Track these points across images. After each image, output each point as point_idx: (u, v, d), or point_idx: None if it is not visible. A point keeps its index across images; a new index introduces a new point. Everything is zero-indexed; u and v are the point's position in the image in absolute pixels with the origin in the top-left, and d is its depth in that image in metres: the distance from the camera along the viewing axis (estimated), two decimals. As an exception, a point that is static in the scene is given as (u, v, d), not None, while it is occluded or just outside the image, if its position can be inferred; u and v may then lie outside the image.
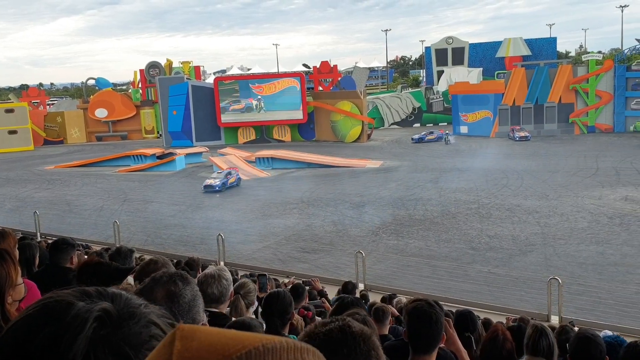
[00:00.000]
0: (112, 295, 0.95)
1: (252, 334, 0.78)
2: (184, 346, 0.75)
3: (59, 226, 26.69)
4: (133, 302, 0.95)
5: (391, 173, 39.98)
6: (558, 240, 23.25)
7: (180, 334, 0.77)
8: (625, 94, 53.52)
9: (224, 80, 61.98)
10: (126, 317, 0.91)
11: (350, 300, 5.28)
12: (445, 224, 26.39)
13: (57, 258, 4.80)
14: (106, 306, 0.91)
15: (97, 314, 0.89)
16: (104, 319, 0.88)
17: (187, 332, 0.77)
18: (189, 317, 2.08)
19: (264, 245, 24.52)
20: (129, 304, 0.94)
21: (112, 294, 0.96)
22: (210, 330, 0.77)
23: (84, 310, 0.89)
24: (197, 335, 0.76)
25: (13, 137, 63.77)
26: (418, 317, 3.17)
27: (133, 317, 0.92)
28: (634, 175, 35.10)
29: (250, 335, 0.77)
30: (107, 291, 0.96)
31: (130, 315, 0.92)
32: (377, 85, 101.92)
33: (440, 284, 18.60)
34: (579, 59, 66.98)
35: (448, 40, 74.81)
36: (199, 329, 0.78)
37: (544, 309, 14.26)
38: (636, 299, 17.11)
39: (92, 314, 0.88)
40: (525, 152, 45.89)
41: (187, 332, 0.77)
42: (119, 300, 0.94)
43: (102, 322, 0.88)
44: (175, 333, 0.77)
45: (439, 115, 67.68)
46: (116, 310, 0.91)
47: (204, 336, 0.76)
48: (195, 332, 0.77)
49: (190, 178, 42.63)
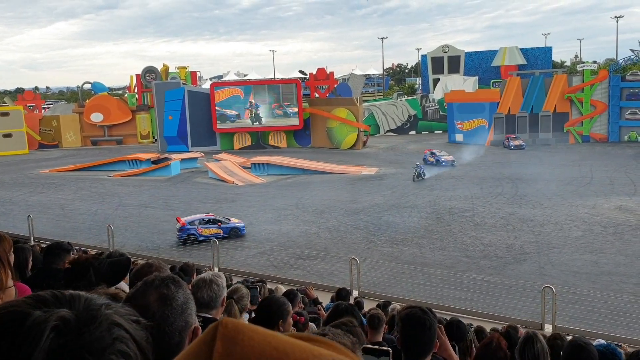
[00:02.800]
0: (70, 299, 0.90)
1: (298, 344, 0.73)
2: (226, 349, 0.71)
3: (52, 230, 26.58)
4: (93, 304, 0.91)
5: (386, 180, 40.02)
6: (552, 249, 23.30)
7: (222, 332, 0.72)
8: (620, 103, 53.83)
9: (220, 85, 62.02)
10: (86, 322, 0.87)
11: (345, 307, 5.27)
12: (439, 232, 26.41)
13: (51, 262, 4.77)
14: (64, 314, 0.86)
15: (54, 323, 0.84)
16: (62, 328, 0.84)
17: (231, 332, 0.72)
18: (182, 320, 2.08)
19: (258, 251, 24.48)
20: (89, 307, 0.90)
21: (70, 297, 0.91)
22: (255, 334, 0.73)
23: (40, 321, 0.84)
24: (241, 338, 0.72)
25: (8, 141, 63.58)
26: (411, 324, 3.17)
27: (94, 321, 0.87)
28: (628, 185, 35.25)
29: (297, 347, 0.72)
30: (64, 295, 0.91)
31: (90, 320, 0.87)
32: (373, 92, 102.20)
33: (435, 292, 18.59)
34: (574, 68, 67.30)
35: (444, 49, 75.14)
36: (243, 329, 0.73)
37: (538, 317, 14.26)
38: (629, 308, 17.14)
39: (49, 323, 0.84)
40: (520, 160, 46.04)
41: (230, 332, 0.72)
42: (78, 303, 0.90)
43: (60, 332, 0.84)
44: (217, 330, 0.73)
45: (434, 123, 67.87)
46: (75, 316, 0.87)
47: (247, 340, 0.71)
48: (239, 332, 0.72)
49: (185, 183, 42.58)
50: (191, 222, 27.30)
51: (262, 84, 62.73)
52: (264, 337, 0.73)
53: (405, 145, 57.35)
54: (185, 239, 26.35)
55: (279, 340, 0.73)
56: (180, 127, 59.34)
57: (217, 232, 26.76)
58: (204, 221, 27.49)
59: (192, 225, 27.08)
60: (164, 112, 59.64)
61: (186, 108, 59.14)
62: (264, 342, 0.72)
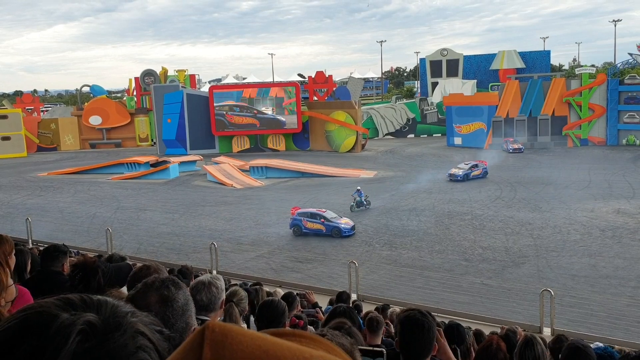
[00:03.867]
0: (98, 304, 0.91)
1: (288, 346, 0.71)
2: (215, 355, 0.68)
3: (51, 233, 26.55)
4: (120, 311, 0.91)
5: (385, 183, 40.03)
6: (551, 252, 23.32)
7: (210, 336, 0.69)
8: (618, 107, 53.89)
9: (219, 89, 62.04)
10: (112, 328, 0.87)
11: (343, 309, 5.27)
12: (438, 235, 26.42)
13: (49, 265, 4.76)
14: (91, 318, 0.86)
15: (81, 327, 0.84)
16: (88, 332, 0.85)
17: (219, 336, 0.69)
18: (182, 322, 2.08)
19: (257, 254, 24.47)
20: (115, 313, 0.90)
21: (98, 302, 0.91)
22: (243, 337, 0.70)
23: (67, 323, 0.85)
24: (229, 341, 0.69)
25: (6, 144, 63.54)
26: (410, 326, 3.17)
27: (119, 328, 0.88)
28: (626, 189, 35.29)
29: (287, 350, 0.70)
30: (92, 299, 0.92)
31: (116, 326, 0.88)
32: (371, 95, 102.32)
33: (433, 295, 18.60)
34: (573, 72, 67.45)
35: (443, 52, 75.26)
36: (231, 332, 0.70)
37: (536, 320, 14.27)
38: (628, 312, 17.16)
39: (76, 327, 0.84)
40: (518, 164, 46.08)
41: (218, 336, 0.69)
42: (105, 309, 0.90)
43: (86, 335, 0.84)
44: (204, 334, 0.70)
45: (433, 127, 67.92)
46: (101, 321, 0.87)
47: (236, 345, 0.69)
48: (227, 336, 0.70)
49: (183, 186, 42.57)
50: (300, 214, 27.66)
51: (261, 87, 62.74)
52: (253, 340, 0.70)
53: (404, 148, 57.38)
54: (292, 228, 27.41)
55: (268, 342, 0.71)
56: (179, 130, 59.34)
57: (319, 228, 27.06)
58: (311, 215, 27.62)
59: (300, 217, 27.45)
60: (163, 115, 59.63)
61: (185, 111, 59.14)
62: (253, 346, 0.69)
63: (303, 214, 27.72)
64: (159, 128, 60.17)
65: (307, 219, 27.32)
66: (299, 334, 0.76)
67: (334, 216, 27.50)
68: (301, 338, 0.75)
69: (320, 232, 26.73)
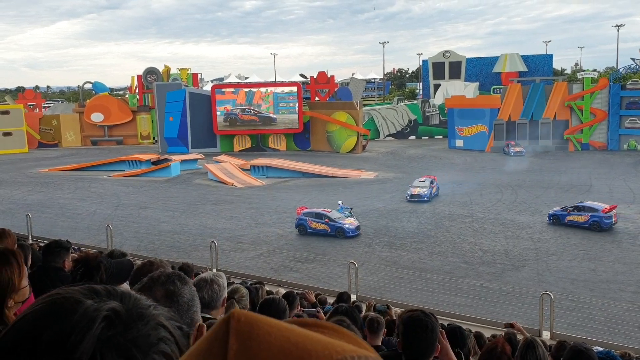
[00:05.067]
0: (121, 295, 0.92)
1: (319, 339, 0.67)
2: (242, 346, 0.65)
3: (51, 229, 26.56)
4: (142, 303, 0.93)
5: (385, 184, 40.01)
6: (550, 255, 23.30)
7: (236, 326, 0.67)
8: (620, 112, 53.86)
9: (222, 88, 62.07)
10: (135, 318, 0.88)
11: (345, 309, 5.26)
12: (438, 237, 26.40)
13: (50, 261, 4.73)
14: (115, 306, 0.88)
15: (106, 313, 0.86)
16: (113, 319, 0.86)
17: (245, 326, 0.66)
18: (188, 317, 2.07)
19: (256, 253, 24.46)
20: (138, 305, 0.91)
21: (122, 293, 0.93)
22: (270, 328, 0.67)
23: (93, 309, 0.86)
24: (256, 332, 0.66)
25: (7, 139, 63.56)
26: (413, 326, 3.17)
27: (142, 318, 0.89)
28: (627, 193, 35.27)
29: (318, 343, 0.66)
30: (116, 290, 0.93)
31: (139, 317, 0.89)
32: (373, 97, 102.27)
33: (433, 297, 18.58)
34: (575, 76, 67.37)
35: (445, 54, 75.23)
36: (258, 322, 0.67)
37: (536, 324, 14.25)
38: (627, 317, 17.15)
39: (101, 313, 0.86)
40: (519, 167, 46.06)
41: (244, 326, 0.66)
42: (128, 300, 0.92)
43: (110, 322, 0.85)
44: (229, 324, 0.67)
45: (434, 128, 67.89)
46: (125, 311, 0.88)
47: (264, 336, 0.66)
48: (253, 326, 0.66)
49: (184, 185, 42.56)
50: (306, 214, 27.48)
51: (263, 87, 62.73)
52: (281, 331, 0.67)
53: (405, 150, 57.37)
54: (297, 228, 27.27)
55: (297, 335, 0.67)
56: (181, 129, 59.35)
57: (324, 228, 26.90)
58: (316, 215, 27.44)
59: (305, 217, 27.28)
60: (165, 113, 59.65)
61: (187, 109, 59.15)
62: (282, 338, 0.66)
63: (308, 213, 27.61)
64: (160, 126, 60.19)
65: (312, 218, 27.21)
66: (322, 324, 0.74)
67: (338, 216, 27.38)
68: (324, 329, 0.73)
69: (325, 232, 26.67)
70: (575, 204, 28.64)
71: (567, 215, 27.71)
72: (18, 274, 2.59)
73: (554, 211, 28.40)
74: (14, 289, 2.54)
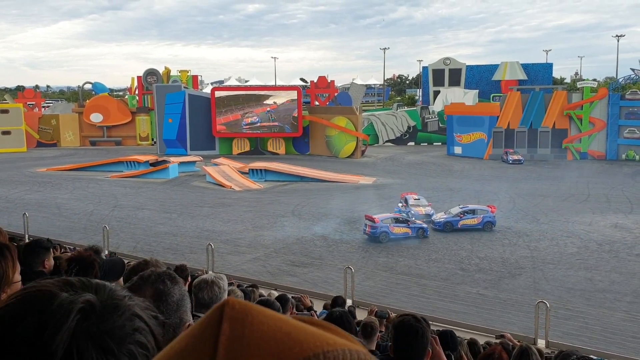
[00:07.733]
0: (96, 287, 0.93)
1: (311, 331, 0.68)
2: (234, 332, 0.65)
3: (47, 229, 26.49)
4: (117, 294, 0.93)
5: (384, 190, 40.01)
6: (547, 264, 23.30)
7: (229, 313, 0.67)
8: (619, 122, 53.99)
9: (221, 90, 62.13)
10: (110, 309, 0.89)
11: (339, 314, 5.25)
12: (435, 244, 26.40)
13: (29, 261, 4.32)
14: (90, 298, 0.88)
15: (81, 305, 0.86)
16: (88, 311, 0.86)
17: (239, 314, 0.66)
18: (176, 317, 2.06)
19: (253, 256, 24.43)
20: (112, 296, 0.92)
21: (96, 285, 0.94)
22: (264, 317, 0.67)
23: (67, 302, 0.87)
24: (250, 320, 0.66)
25: (6, 138, 63.53)
26: (404, 331, 3.16)
27: (117, 309, 0.90)
28: (625, 203, 35.30)
29: (310, 335, 0.67)
30: (90, 282, 0.94)
31: (114, 308, 0.90)
32: (373, 102, 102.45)
33: (429, 304, 18.56)
34: (574, 85, 67.54)
35: (445, 61, 75.37)
36: (252, 310, 0.68)
37: (531, 332, 14.23)
38: (623, 326, 17.14)
39: (76, 305, 0.86)
40: (517, 175, 46.10)
41: (238, 313, 0.66)
42: (103, 291, 0.92)
43: (85, 314, 0.86)
44: (223, 310, 0.67)
45: (433, 135, 67.97)
46: (100, 302, 0.89)
47: (257, 324, 0.66)
48: (247, 314, 0.67)
49: (182, 187, 42.54)
50: (384, 220, 26.73)
51: (262, 90, 62.80)
52: (275, 321, 0.67)
53: (403, 155, 57.40)
54: (378, 236, 26.15)
55: (290, 325, 0.67)
56: (180, 131, 59.36)
57: (406, 232, 26.67)
58: (396, 220, 27.02)
59: (385, 224, 26.53)
60: (164, 114, 59.65)
61: (186, 112, 59.17)
62: (275, 327, 0.66)
63: (387, 220, 26.65)
64: (159, 127, 60.19)
65: (393, 224, 26.54)
66: (317, 321, 0.73)
67: (412, 217, 27.78)
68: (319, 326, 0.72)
69: (407, 235, 26.40)
70: (461, 208, 28.94)
71: (459, 220, 28.06)
72: (12, 267, 2.59)
73: (444, 219, 28.49)
74: (8, 282, 2.55)
